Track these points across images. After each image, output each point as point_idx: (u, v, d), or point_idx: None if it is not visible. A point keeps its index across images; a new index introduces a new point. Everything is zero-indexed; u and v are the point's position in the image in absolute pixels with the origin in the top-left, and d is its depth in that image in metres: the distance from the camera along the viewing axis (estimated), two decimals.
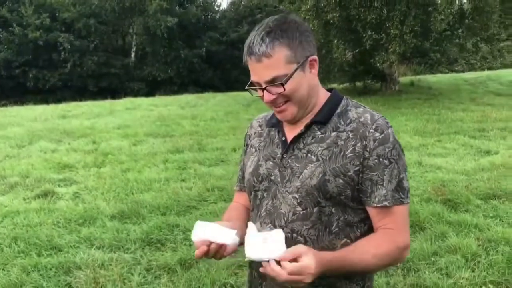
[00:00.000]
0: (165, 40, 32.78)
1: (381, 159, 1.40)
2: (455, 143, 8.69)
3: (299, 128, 1.50)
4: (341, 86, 18.38)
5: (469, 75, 22.27)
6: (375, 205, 1.42)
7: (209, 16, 38.10)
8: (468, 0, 15.44)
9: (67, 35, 30.94)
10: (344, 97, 1.54)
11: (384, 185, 1.41)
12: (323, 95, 1.52)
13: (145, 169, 7.35)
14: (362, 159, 1.40)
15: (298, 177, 1.43)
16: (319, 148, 1.44)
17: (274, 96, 1.41)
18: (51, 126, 11.41)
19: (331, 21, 13.96)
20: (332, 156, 1.42)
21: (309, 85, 1.45)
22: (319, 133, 1.46)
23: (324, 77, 16.00)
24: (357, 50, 15.43)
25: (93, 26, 31.92)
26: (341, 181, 1.40)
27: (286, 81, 1.39)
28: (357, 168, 1.40)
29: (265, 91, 1.42)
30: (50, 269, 3.99)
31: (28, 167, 7.39)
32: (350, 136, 1.42)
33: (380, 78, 17.57)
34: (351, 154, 1.41)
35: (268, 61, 1.38)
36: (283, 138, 1.53)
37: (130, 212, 5.27)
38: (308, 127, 1.47)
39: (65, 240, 4.56)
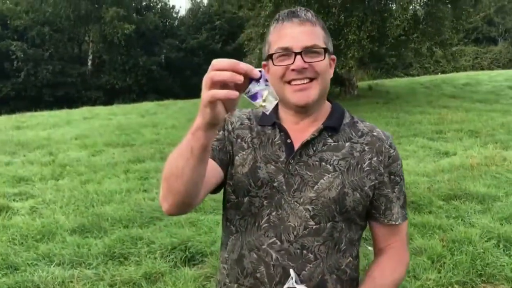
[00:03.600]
0: (123, 48, 32.27)
1: (392, 176, 1.38)
2: (415, 145, 8.87)
3: (305, 132, 1.38)
4: None
5: (424, 78, 22.91)
6: (392, 222, 1.40)
7: (167, 23, 37.82)
8: (421, 6, 15.90)
9: (19, 43, 29.99)
10: (343, 108, 1.49)
11: (396, 202, 1.41)
12: (327, 103, 1.45)
13: (106, 180, 7.14)
14: (377, 174, 1.36)
15: (313, 187, 1.31)
16: (334, 158, 1.34)
17: (305, 65, 1.29)
18: (5, 138, 10.97)
19: None
20: (350, 167, 1.34)
21: (329, 80, 1.39)
22: (331, 140, 1.36)
23: None
24: None
25: (48, 34, 31.09)
26: (358, 195, 1.33)
27: (326, 51, 1.33)
28: (372, 183, 1.35)
29: (298, 56, 1.28)
30: None
31: None
32: (366, 149, 1.37)
33: (339, 83, 17.82)
34: (367, 168, 1.35)
35: (312, 28, 1.32)
36: (288, 141, 1.37)
37: (91, 226, 5.07)
38: (320, 132, 1.36)
39: (22, 258, 4.33)
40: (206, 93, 1.01)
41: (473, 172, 6.67)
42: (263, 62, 1.41)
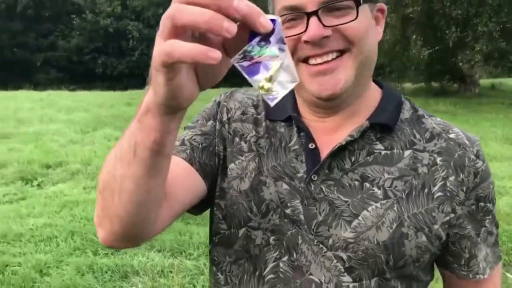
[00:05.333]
0: None
1: (481, 204, 0.86)
2: None
3: (338, 132, 0.88)
4: (415, 86, 17.35)
5: None
6: (479, 277, 0.90)
7: None
8: None
9: (136, 23, 31.50)
10: (401, 95, 0.95)
11: (483, 241, 0.89)
12: (374, 87, 0.94)
13: None
14: (456, 203, 0.84)
15: (350, 222, 0.83)
16: (386, 176, 0.84)
17: (327, 32, 0.79)
18: (116, 113, 11.32)
19: (411, 15, 13.05)
20: (412, 193, 0.84)
21: (374, 47, 0.87)
22: (380, 146, 0.87)
23: (398, 76, 15.08)
24: (436, 47, 14.36)
25: (162, 15, 32.31)
26: (424, 238, 0.83)
27: (359, 4, 0.80)
28: (446, 218, 0.84)
29: (313, 19, 0.78)
30: (106, 272, 3.60)
31: (91, 154, 7.16)
32: (438, 161, 0.85)
33: (458, 79, 16.41)
34: (440, 194, 0.84)
35: None
36: (311, 146, 0.88)
37: None
38: (362, 133, 0.87)
39: None
40: (160, 46, 0.55)
41: None
42: None
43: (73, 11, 31.27)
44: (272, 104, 0.55)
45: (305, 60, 0.82)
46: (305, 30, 0.79)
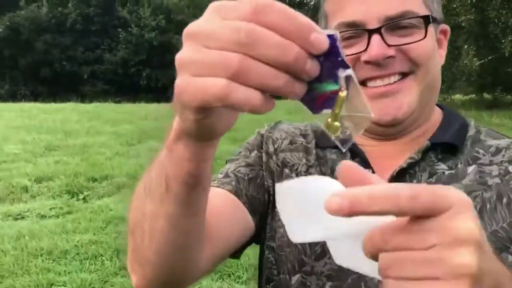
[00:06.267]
0: None
1: None
2: None
3: (397, 158, 0.79)
4: (466, 97, 16.68)
5: None
6: None
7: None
8: None
9: (180, 36, 31.78)
10: (467, 118, 0.90)
11: None
12: (437, 109, 0.89)
13: None
14: None
15: None
16: None
17: (390, 52, 0.74)
18: (161, 126, 11.31)
19: (463, 24, 12.54)
20: (485, 207, 0.75)
21: (439, 70, 0.83)
22: (444, 166, 0.80)
23: (448, 87, 14.51)
24: (490, 57, 13.76)
25: None
26: (511, 259, 0.73)
27: (428, 21, 0.75)
28: None
29: (376, 37, 0.73)
30: None
31: (136, 167, 7.09)
32: (510, 169, 0.78)
33: None
34: None
35: None
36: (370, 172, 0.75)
37: None
38: (423, 154, 0.80)
39: None
40: (208, 82, 0.42)
41: None
42: None
43: (119, 25, 32.04)
44: (344, 149, 0.47)
45: (363, 83, 0.77)
46: (366, 49, 0.74)
